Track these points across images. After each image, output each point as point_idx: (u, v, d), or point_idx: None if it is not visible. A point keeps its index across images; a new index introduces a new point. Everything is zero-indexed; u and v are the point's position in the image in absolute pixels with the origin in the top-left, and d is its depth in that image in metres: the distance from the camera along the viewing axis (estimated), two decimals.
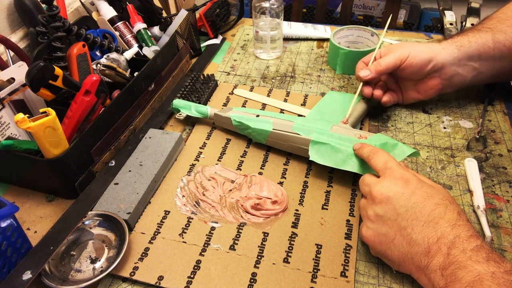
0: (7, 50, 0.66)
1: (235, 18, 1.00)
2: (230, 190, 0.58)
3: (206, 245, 0.51)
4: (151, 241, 0.52)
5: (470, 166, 0.59)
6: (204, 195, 0.58)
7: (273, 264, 0.49)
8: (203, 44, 0.92)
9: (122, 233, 0.51)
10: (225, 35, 0.97)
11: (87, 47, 0.67)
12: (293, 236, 0.52)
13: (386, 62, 0.64)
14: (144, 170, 0.58)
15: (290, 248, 0.51)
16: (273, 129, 0.61)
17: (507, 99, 0.72)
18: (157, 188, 0.59)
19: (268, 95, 0.76)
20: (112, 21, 0.80)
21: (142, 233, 0.53)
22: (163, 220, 0.55)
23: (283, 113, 0.72)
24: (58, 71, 0.58)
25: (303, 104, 0.74)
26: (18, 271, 0.46)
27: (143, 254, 0.50)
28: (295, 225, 0.53)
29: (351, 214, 0.54)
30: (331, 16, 1.72)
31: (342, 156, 0.56)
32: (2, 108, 0.58)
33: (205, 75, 0.78)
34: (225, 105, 0.75)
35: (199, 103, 0.72)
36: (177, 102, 0.70)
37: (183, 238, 0.52)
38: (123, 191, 0.56)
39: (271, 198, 0.56)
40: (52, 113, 0.52)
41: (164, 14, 0.91)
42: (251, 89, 0.78)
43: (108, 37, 0.79)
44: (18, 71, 0.60)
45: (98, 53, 0.75)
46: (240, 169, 0.62)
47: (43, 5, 0.70)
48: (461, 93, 0.74)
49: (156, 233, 0.53)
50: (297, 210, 0.55)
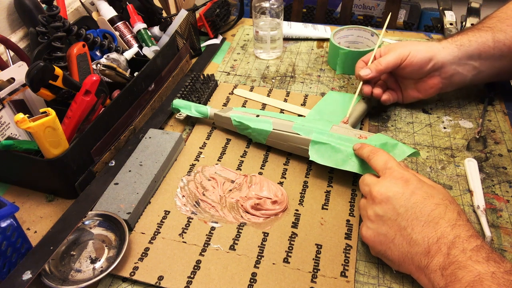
0: (7, 50, 0.66)
1: (235, 18, 1.00)
2: (230, 190, 0.58)
3: (206, 245, 0.51)
4: (151, 241, 0.52)
5: (470, 166, 0.59)
6: (204, 195, 0.58)
7: (273, 264, 0.49)
8: (203, 44, 0.92)
9: (122, 233, 0.51)
10: (225, 35, 0.97)
11: (87, 47, 0.67)
12: (293, 236, 0.52)
13: (386, 61, 0.64)
14: (144, 170, 0.58)
15: (290, 248, 0.51)
16: (273, 129, 0.61)
17: (507, 99, 0.72)
18: (157, 188, 0.59)
19: (268, 95, 0.76)
20: (112, 21, 0.80)
21: (142, 233, 0.53)
22: (163, 220, 0.55)
23: (283, 113, 0.72)
24: (58, 71, 0.58)
25: (303, 104, 0.74)
26: (18, 271, 0.46)
27: (143, 254, 0.50)
28: (295, 225, 0.53)
29: (351, 214, 0.54)
30: (331, 16, 1.72)
31: (342, 156, 0.56)
32: (2, 108, 0.58)
33: (205, 75, 0.78)
34: (225, 105, 0.75)
35: (199, 103, 0.72)
36: (177, 102, 0.70)
37: (183, 238, 0.52)
38: (123, 191, 0.56)
39: (271, 198, 0.56)
40: (52, 113, 0.52)
41: (164, 14, 0.91)
42: (251, 89, 0.78)
43: (108, 37, 0.79)
44: (18, 71, 0.60)
45: (98, 53, 0.75)
46: (240, 169, 0.62)
47: (43, 5, 0.70)
48: (461, 93, 0.74)
49: (156, 233, 0.53)
50: (297, 210, 0.55)
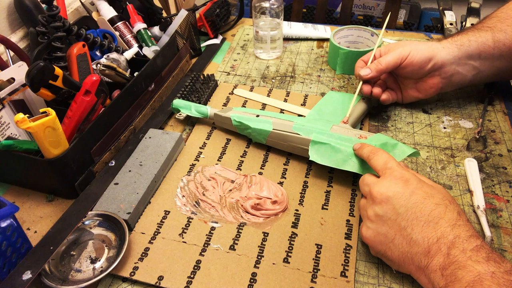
0: (7, 50, 0.66)
1: (235, 18, 1.00)
2: (230, 190, 0.58)
3: (206, 245, 0.51)
4: (151, 241, 0.52)
5: (470, 166, 0.59)
6: (204, 195, 0.58)
7: (273, 264, 0.49)
8: (203, 44, 0.92)
9: (122, 233, 0.51)
10: (225, 35, 0.97)
11: (87, 47, 0.67)
12: (293, 236, 0.52)
13: (386, 61, 0.64)
14: (144, 170, 0.58)
15: (290, 248, 0.51)
16: (273, 129, 0.61)
17: (507, 99, 0.72)
18: (157, 188, 0.59)
19: (268, 95, 0.76)
20: (112, 21, 0.80)
21: (142, 233, 0.53)
22: (163, 220, 0.55)
23: (283, 113, 0.72)
24: (58, 71, 0.58)
25: (303, 104, 0.74)
26: (18, 271, 0.46)
27: (143, 254, 0.50)
28: (295, 225, 0.53)
29: (351, 214, 0.54)
30: (331, 16, 1.72)
31: (342, 156, 0.56)
32: (2, 108, 0.58)
33: (205, 75, 0.78)
34: (225, 105, 0.75)
35: (199, 103, 0.72)
36: (177, 102, 0.70)
37: (183, 238, 0.52)
38: (123, 191, 0.56)
39: (271, 198, 0.56)
40: (52, 113, 0.52)
41: (164, 14, 0.91)
42: (251, 89, 0.78)
43: (108, 37, 0.79)
44: (18, 71, 0.60)
45: (98, 53, 0.75)
46: (240, 169, 0.62)
47: (43, 5, 0.70)
48: (461, 93, 0.74)
49: (156, 233, 0.53)
50: (297, 210, 0.55)
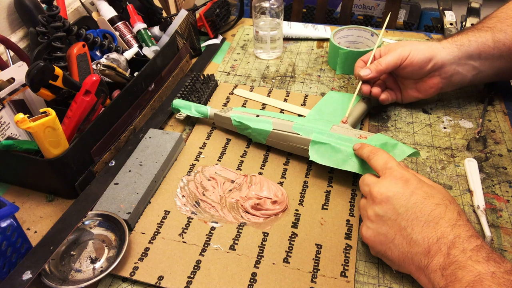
0: (7, 50, 0.66)
1: (235, 18, 1.00)
2: (230, 190, 0.58)
3: (206, 245, 0.51)
4: (151, 241, 0.52)
5: (470, 166, 0.59)
6: (204, 195, 0.58)
7: (273, 264, 0.49)
8: (203, 44, 0.92)
9: (122, 233, 0.51)
10: (225, 35, 0.97)
11: (87, 47, 0.67)
12: (293, 236, 0.52)
13: (386, 61, 0.64)
14: (144, 170, 0.58)
15: (290, 248, 0.51)
16: (273, 129, 0.61)
17: (507, 99, 0.72)
18: (157, 188, 0.59)
19: (268, 95, 0.76)
20: (112, 21, 0.80)
21: (142, 233, 0.53)
22: (163, 220, 0.55)
23: (283, 113, 0.72)
24: (58, 71, 0.58)
25: (303, 104, 0.74)
26: (18, 271, 0.46)
27: (143, 254, 0.50)
28: (295, 225, 0.53)
29: (351, 214, 0.54)
30: (331, 16, 1.73)
31: (342, 156, 0.56)
32: (2, 108, 0.58)
33: (205, 75, 0.78)
34: (225, 105, 0.75)
35: (199, 103, 0.72)
36: (177, 102, 0.70)
37: (183, 238, 0.52)
38: (123, 191, 0.56)
39: (271, 198, 0.56)
40: (52, 113, 0.52)
41: (164, 14, 0.91)
42: (251, 89, 0.78)
43: (108, 37, 0.79)
44: (18, 71, 0.60)
45: (98, 53, 0.75)
46: (240, 169, 0.62)
47: (43, 5, 0.70)
48: (461, 93, 0.74)
49: (156, 233, 0.53)
50: (297, 210, 0.55)
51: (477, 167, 0.59)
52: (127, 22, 0.82)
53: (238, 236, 0.52)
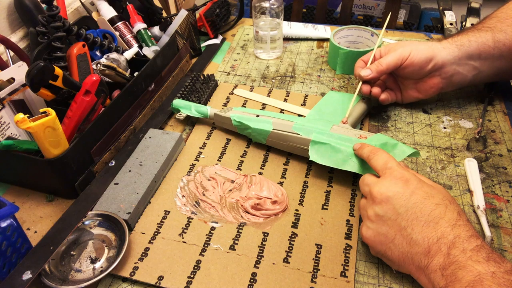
0: (7, 50, 0.66)
1: (235, 18, 1.00)
2: (230, 190, 0.58)
3: (206, 245, 0.51)
4: (151, 241, 0.52)
5: (470, 166, 0.59)
6: (204, 195, 0.58)
7: (273, 264, 0.49)
8: (203, 44, 0.92)
9: (122, 233, 0.51)
10: (225, 35, 0.96)
11: (87, 47, 0.67)
12: (293, 236, 0.52)
13: (387, 61, 0.64)
14: (144, 170, 0.58)
15: (290, 248, 0.51)
16: (273, 129, 0.61)
17: (507, 99, 0.72)
18: (157, 188, 0.59)
19: (268, 95, 0.76)
20: (112, 21, 0.80)
21: (142, 233, 0.53)
22: (163, 220, 0.55)
23: (283, 113, 0.72)
24: (58, 71, 0.58)
25: (303, 104, 0.74)
26: (18, 271, 0.46)
27: (143, 254, 0.50)
28: (295, 225, 0.53)
29: (351, 214, 0.54)
30: (331, 16, 1.73)
31: (342, 156, 0.56)
32: (2, 108, 0.58)
33: (205, 75, 0.78)
34: (225, 105, 0.75)
35: (199, 103, 0.72)
36: (177, 102, 0.70)
37: (183, 238, 0.52)
38: (123, 191, 0.56)
39: (271, 198, 0.56)
40: (52, 113, 0.52)
41: (164, 14, 0.91)
42: (251, 89, 0.78)
43: (108, 37, 0.79)
44: (18, 71, 0.60)
45: (98, 53, 0.75)
46: (240, 169, 0.62)
47: (43, 5, 0.70)
48: (461, 93, 0.74)
49: (156, 233, 0.53)
50: (297, 210, 0.55)
51: (477, 167, 0.59)
52: (127, 22, 0.82)
53: (238, 236, 0.52)
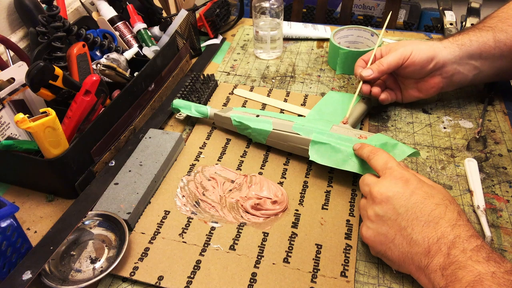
0: (7, 50, 0.66)
1: (235, 18, 1.00)
2: (230, 190, 0.58)
3: (206, 245, 0.51)
4: (151, 241, 0.52)
5: (470, 166, 0.59)
6: (204, 195, 0.58)
7: (273, 264, 0.49)
8: (203, 44, 0.92)
9: (122, 233, 0.50)
10: (225, 35, 0.96)
11: (87, 47, 0.67)
12: (293, 236, 0.52)
13: (388, 61, 0.64)
14: (144, 170, 0.58)
15: (290, 248, 0.51)
16: (273, 129, 0.61)
17: (507, 99, 0.72)
18: (157, 188, 0.59)
19: (268, 95, 0.76)
20: (112, 21, 0.80)
21: (142, 233, 0.53)
22: (163, 220, 0.55)
23: (283, 113, 0.72)
24: (58, 71, 0.58)
25: (303, 104, 0.74)
26: (18, 271, 0.46)
27: (143, 254, 0.50)
28: (295, 225, 0.53)
29: (351, 214, 0.54)
30: (331, 16, 1.73)
31: (342, 156, 0.56)
32: (2, 108, 0.58)
33: (205, 75, 0.78)
34: (225, 105, 0.75)
35: (199, 103, 0.72)
36: (177, 102, 0.70)
37: (183, 238, 0.52)
38: (123, 191, 0.56)
39: (271, 198, 0.56)
40: (52, 113, 0.52)
41: (164, 14, 0.91)
42: (251, 89, 0.78)
43: (108, 37, 0.79)
44: (18, 71, 0.60)
45: (98, 53, 0.75)
46: (240, 169, 0.62)
47: (43, 5, 0.70)
48: (461, 93, 0.74)
49: (156, 233, 0.53)
50: (297, 210, 0.55)
51: (477, 167, 0.59)
52: (127, 22, 0.82)
53: (238, 236, 0.52)
